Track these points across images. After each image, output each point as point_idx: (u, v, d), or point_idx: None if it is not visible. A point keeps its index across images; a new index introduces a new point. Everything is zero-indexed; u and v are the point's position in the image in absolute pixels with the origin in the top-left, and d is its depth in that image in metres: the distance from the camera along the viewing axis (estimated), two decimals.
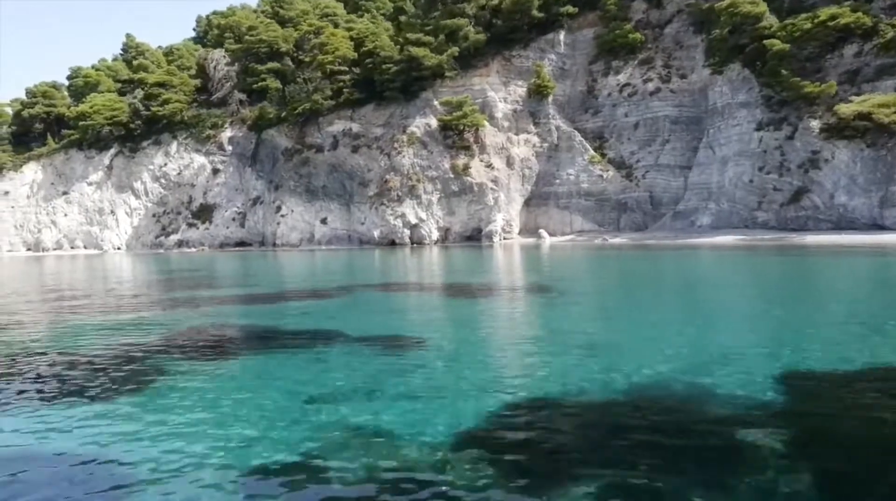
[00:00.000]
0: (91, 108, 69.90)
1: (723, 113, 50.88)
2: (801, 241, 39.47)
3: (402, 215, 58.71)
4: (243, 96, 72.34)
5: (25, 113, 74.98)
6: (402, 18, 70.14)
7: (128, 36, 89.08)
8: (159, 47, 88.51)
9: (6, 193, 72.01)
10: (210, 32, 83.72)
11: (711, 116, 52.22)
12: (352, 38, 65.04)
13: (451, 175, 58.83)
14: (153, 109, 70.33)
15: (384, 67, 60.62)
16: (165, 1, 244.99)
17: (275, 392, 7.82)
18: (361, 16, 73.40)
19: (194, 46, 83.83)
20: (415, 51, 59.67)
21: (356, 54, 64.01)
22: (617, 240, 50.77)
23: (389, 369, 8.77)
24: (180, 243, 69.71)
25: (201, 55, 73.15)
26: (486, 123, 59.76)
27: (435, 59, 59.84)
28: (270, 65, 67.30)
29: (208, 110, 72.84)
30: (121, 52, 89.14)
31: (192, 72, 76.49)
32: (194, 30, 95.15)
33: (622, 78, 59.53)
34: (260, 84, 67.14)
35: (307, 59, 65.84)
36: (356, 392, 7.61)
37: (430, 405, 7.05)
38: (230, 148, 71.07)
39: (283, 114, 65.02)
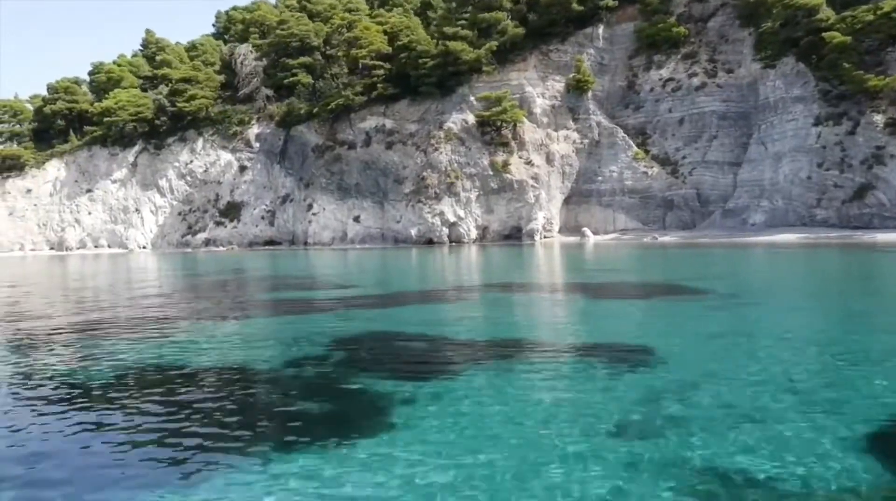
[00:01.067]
0: (116, 104, 68.44)
1: (776, 108, 49.50)
2: (870, 239, 38.09)
3: (441, 214, 57.30)
4: (270, 92, 70.91)
5: (47, 109, 73.42)
6: (431, 13, 68.78)
7: (147, 31, 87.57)
8: (178, 43, 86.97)
9: (28, 190, 70.55)
10: (232, 28, 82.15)
11: (763, 112, 50.84)
12: (385, 33, 63.56)
13: (490, 172, 57.44)
14: (179, 105, 68.88)
15: (420, 61, 59.14)
16: None
17: (559, 419, 6.25)
18: (390, 10, 71.85)
19: (216, 42, 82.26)
20: (452, 45, 58.22)
21: (390, 49, 62.44)
22: (667, 238, 49.45)
23: (667, 387, 7.29)
24: (207, 242, 68.29)
25: (227, 50, 71.72)
26: (524, 119, 58.36)
27: (473, 53, 58.41)
28: (302, 59, 65.83)
29: (233, 106, 71.44)
30: (140, 48, 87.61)
31: (217, 67, 75.04)
32: (213, 25, 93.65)
33: (665, 73, 58.15)
34: (291, 79, 65.68)
35: (339, 54, 64.38)
36: (673, 421, 6.10)
37: (772, 430, 5.59)
38: (257, 145, 69.64)
39: (316, 110, 63.47)
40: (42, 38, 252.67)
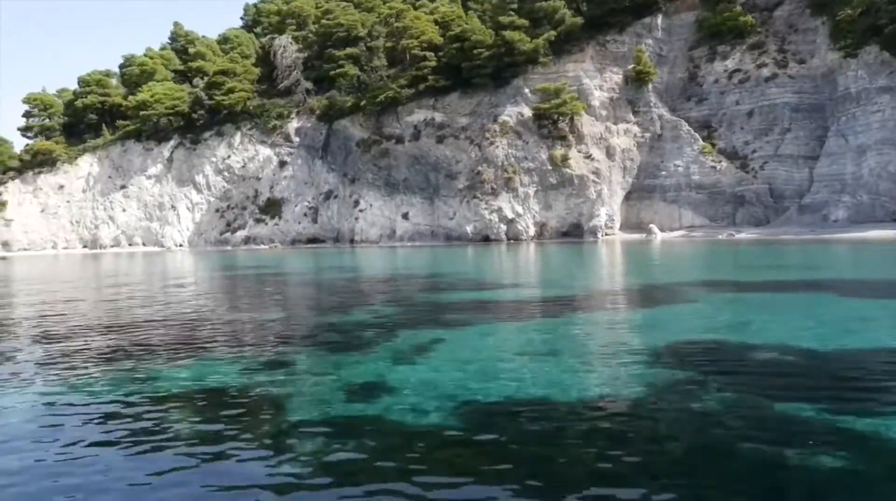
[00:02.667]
0: (152, 96, 66.16)
1: (858, 99, 47.33)
2: None
3: (498, 210, 55.11)
4: (310, 85, 68.74)
5: (79, 103, 71.16)
6: (474, 3, 66.64)
7: (175, 24, 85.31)
8: (204, 37, 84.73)
9: (61, 187, 68.28)
10: (264, 20, 79.86)
11: (842, 103, 48.66)
12: (436, 22, 61.36)
13: (549, 167, 55.25)
14: (217, 98, 66.64)
15: (475, 52, 56.93)
16: None
17: None
18: (433, 0, 69.61)
19: (248, 35, 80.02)
20: (509, 35, 56.06)
21: (441, 39, 60.25)
22: (743, 236, 47.22)
23: None
24: (247, 240, 66.10)
25: (266, 42, 69.41)
26: (583, 111, 56.18)
27: (530, 43, 56.23)
28: (349, 50, 63.59)
29: (271, 100, 69.23)
30: (168, 41, 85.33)
31: (252, 60, 72.80)
32: (242, 18, 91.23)
33: (730, 64, 56.02)
34: (337, 70, 63.41)
35: (388, 45, 62.15)
36: None
37: None
38: (297, 139, 67.46)
39: (363, 102, 61.21)
40: (67, 33, 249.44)
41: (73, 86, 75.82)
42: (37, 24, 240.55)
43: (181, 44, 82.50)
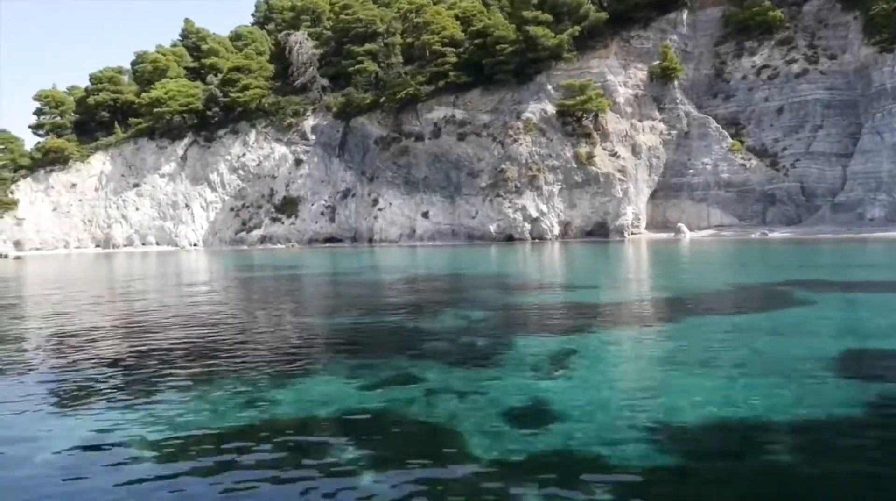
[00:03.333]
0: (166, 94, 65.05)
1: (893, 95, 46.27)
2: None
3: (523, 208, 54.04)
4: (325, 82, 67.66)
5: (91, 100, 70.04)
6: (497, 0, 65.55)
7: (186, 21, 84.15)
8: (214, 34, 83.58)
9: (73, 185, 67.18)
10: (277, 16, 78.77)
11: (877, 99, 47.62)
12: (457, 17, 60.27)
13: (574, 165, 54.18)
14: (232, 95, 65.55)
15: (498, 47, 55.84)
16: None
17: None
18: None
19: (260, 31, 78.94)
20: (533, 30, 54.97)
21: (462, 34, 59.18)
22: (776, 235, 46.15)
23: None
24: (263, 239, 65.01)
25: (281, 38, 68.26)
26: (607, 108, 55.12)
27: (554, 39, 55.15)
28: (368, 46, 62.47)
29: (286, 97, 68.14)
30: (179, 38, 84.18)
31: (266, 57, 71.71)
32: (253, 15, 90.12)
33: (758, 59, 54.98)
34: (357, 67, 62.31)
35: (408, 41, 61.04)
36: None
37: None
38: (313, 137, 66.36)
39: (382, 99, 60.10)
40: (74, 31, 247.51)
41: (82, 83, 74.88)
42: (43, 22, 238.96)
43: (193, 41, 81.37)
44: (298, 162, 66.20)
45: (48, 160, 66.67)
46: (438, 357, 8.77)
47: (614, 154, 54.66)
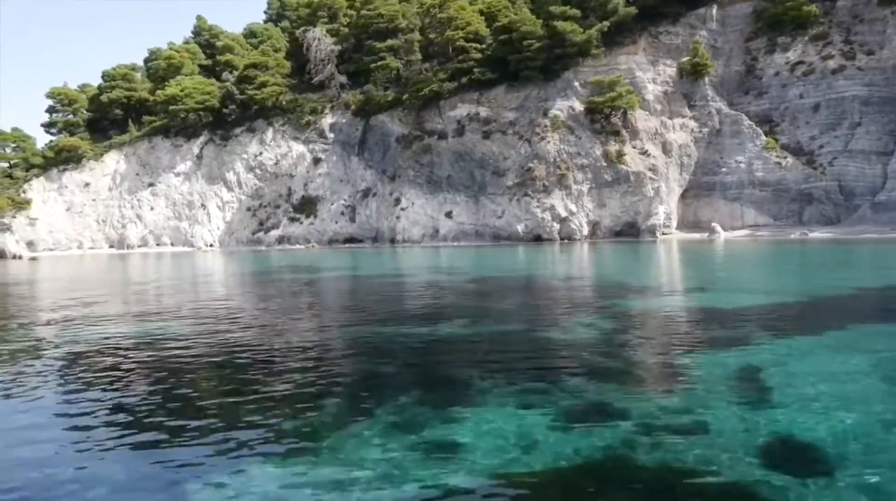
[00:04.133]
0: (182, 91, 63.67)
1: None
2: None
3: (551, 208, 52.73)
4: (344, 79, 66.33)
5: (104, 97, 68.61)
6: None
7: (199, 18, 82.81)
8: (230, 32, 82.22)
9: (86, 184, 65.79)
10: (293, 13, 77.31)
11: None
12: (481, 13, 58.96)
13: (603, 163, 52.89)
14: (249, 92, 64.18)
15: (525, 43, 54.53)
16: None
17: None
18: None
19: (274, 28, 77.58)
20: (561, 25, 53.71)
21: (487, 30, 57.88)
22: (816, 235, 44.82)
23: None
24: (281, 240, 63.63)
25: (299, 34, 66.86)
26: (637, 105, 53.85)
27: (583, 34, 53.87)
28: (390, 42, 61.12)
29: (303, 95, 66.80)
30: (192, 35, 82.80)
31: (282, 54, 70.33)
32: (265, 12, 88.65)
33: (792, 55, 53.67)
34: (378, 63, 60.96)
35: (432, 36, 59.72)
36: None
37: None
38: (332, 135, 65.02)
39: (406, 96, 58.77)
40: (83, 29, 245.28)
41: (93, 81, 73.46)
42: (51, 21, 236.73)
43: (205, 38, 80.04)
44: (317, 161, 64.85)
45: (61, 159, 65.26)
46: (611, 378, 7.52)
47: (644, 152, 53.39)
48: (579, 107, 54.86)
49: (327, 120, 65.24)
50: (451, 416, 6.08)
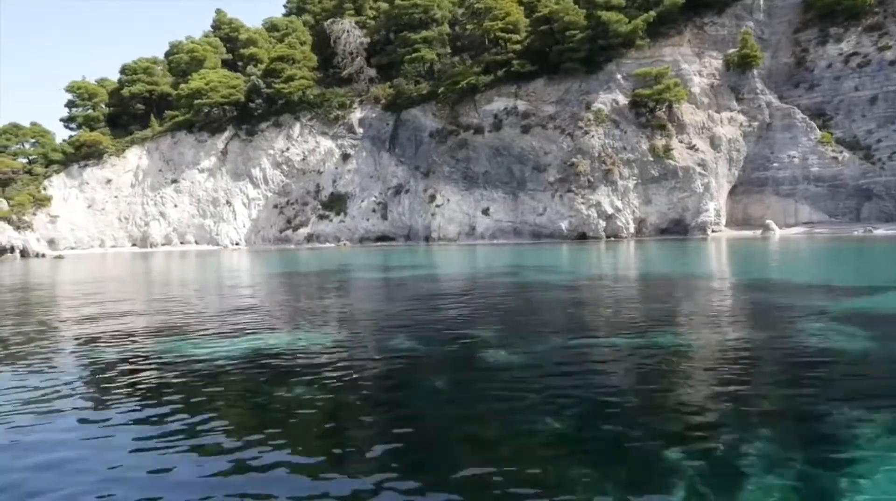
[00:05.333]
0: (206, 85, 61.71)
1: None
2: None
3: (597, 204, 50.82)
4: (373, 72, 64.41)
5: (125, 91, 66.63)
6: None
7: (218, 12, 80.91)
8: (252, 26, 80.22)
9: (108, 181, 63.84)
10: (316, 6, 75.32)
11: None
12: (520, 2, 57.02)
13: (650, 158, 50.98)
14: (276, 86, 62.22)
15: (567, 34, 52.62)
16: None
17: None
18: None
19: (298, 20, 75.57)
20: (605, 15, 51.81)
21: (526, 20, 55.96)
22: (880, 232, 42.89)
23: None
24: (310, 238, 61.67)
25: (327, 26, 64.87)
26: (685, 98, 51.96)
27: (628, 25, 51.97)
28: (426, 33, 59.17)
29: (329, 89, 64.83)
30: (211, 29, 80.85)
31: (307, 47, 68.35)
32: (285, 6, 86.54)
33: (846, 47, 51.71)
34: (413, 55, 59.01)
35: (470, 27, 57.81)
36: None
37: None
38: (361, 130, 63.10)
39: (442, 89, 56.84)
40: (98, 23, 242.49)
41: (107, 76, 71.44)
42: (66, 16, 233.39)
43: (225, 32, 78.15)
44: (345, 156, 62.93)
45: (82, 155, 63.31)
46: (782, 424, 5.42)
47: (692, 147, 51.46)
48: (623, 100, 52.94)
49: (356, 114, 63.34)
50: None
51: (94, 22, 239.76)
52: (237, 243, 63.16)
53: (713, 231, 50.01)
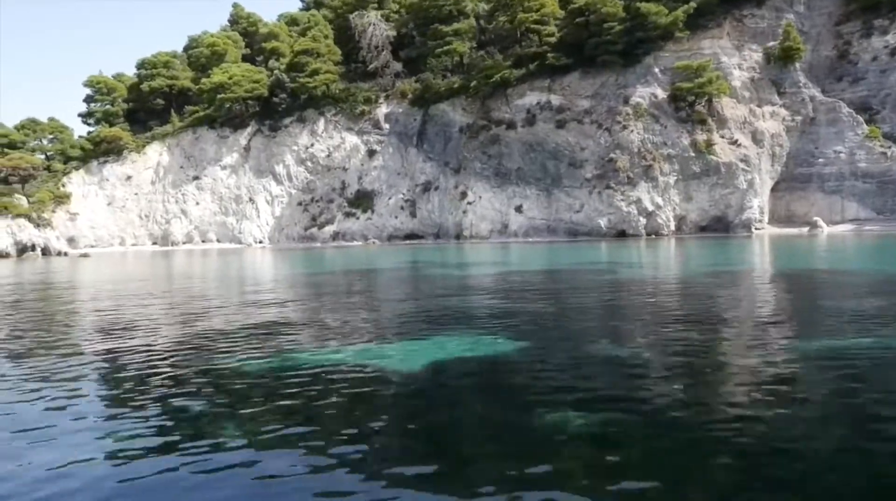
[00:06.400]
0: (230, 79, 60.21)
1: None
2: None
3: (637, 201, 49.44)
4: (400, 66, 62.99)
5: (145, 86, 65.07)
6: None
7: (235, 6, 79.39)
8: (271, 21, 78.70)
9: (128, 177, 62.34)
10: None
11: None
12: None
13: (692, 153, 49.59)
14: (301, 80, 60.73)
15: (605, 26, 51.21)
16: None
17: None
18: None
19: (318, 14, 74.01)
20: (644, 7, 50.42)
21: (562, 12, 54.58)
22: None
23: None
24: (336, 236, 60.22)
25: (353, 19, 63.36)
26: (727, 92, 50.56)
27: (668, 17, 50.59)
28: (457, 25, 57.73)
29: (353, 83, 63.37)
30: (228, 23, 79.33)
31: (329, 41, 66.83)
32: (302, 0, 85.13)
33: (892, 39, 50.43)
34: (445, 48, 57.58)
35: (503, 19, 56.39)
36: None
37: None
38: (387, 126, 61.66)
39: (474, 83, 55.43)
40: (112, 19, 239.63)
41: (123, 71, 69.87)
42: (74, 12, 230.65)
43: (243, 26, 76.67)
44: (371, 153, 61.48)
45: (101, 151, 61.80)
46: None
47: (734, 142, 50.08)
48: (661, 94, 51.56)
49: (382, 110, 61.91)
50: None
51: (107, 17, 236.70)
52: (260, 242, 61.73)
53: (756, 229, 48.68)
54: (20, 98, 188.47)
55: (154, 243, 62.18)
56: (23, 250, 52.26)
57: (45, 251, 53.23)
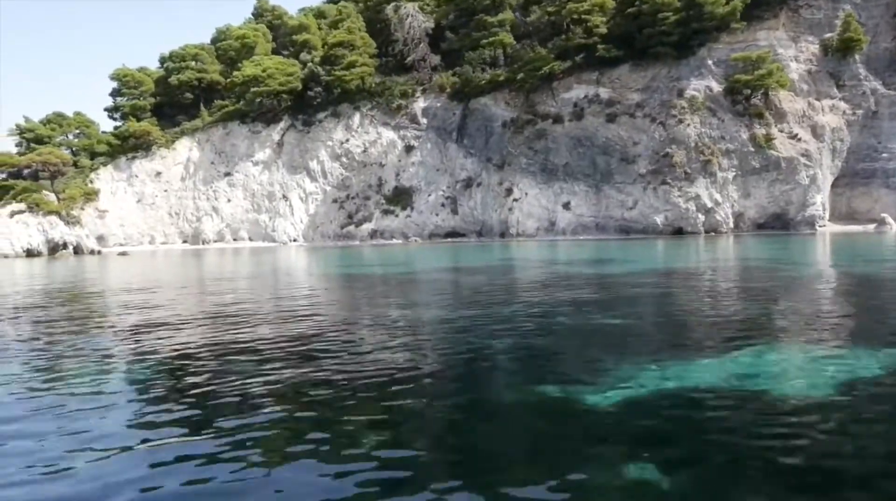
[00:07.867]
0: (263, 72, 58.27)
1: None
2: None
3: (696, 197, 47.77)
4: (437, 59, 61.16)
5: (173, 80, 63.00)
6: None
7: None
8: (297, 14, 76.59)
9: (158, 174, 60.36)
10: None
11: None
12: None
13: (751, 148, 47.94)
14: (336, 73, 58.84)
15: (659, 16, 49.52)
16: None
17: None
18: None
19: (350, 6, 72.05)
20: None
21: (612, 2, 52.87)
22: None
23: None
24: (374, 234, 58.39)
25: (389, 11, 61.39)
26: (786, 85, 48.93)
27: (725, 7, 48.94)
28: (502, 16, 55.92)
29: (389, 77, 61.48)
30: (252, 17, 77.26)
31: (364, 34, 64.91)
32: None
33: None
34: (490, 40, 55.80)
35: (551, 9, 54.62)
36: None
37: None
38: (425, 120, 59.82)
39: (521, 76, 53.71)
40: (135, 12, 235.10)
41: (146, 65, 67.79)
42: (91, 7, 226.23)
43: (268, 19, 74.61)
44: (409, 148, 59.64)
45: (129, 146, 59.82)
46: None
47: (794, 136, 48.46)
48: (717, 87, 49.92)
49: (419, 104, 60.06)
50: None
51: (125, 12, 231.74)
52: (294, 240, 59.83)
53: (819, 226, 47.07)
54: (44, 92, 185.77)
55: (184, 242, 60.24)
56: (54, 248, 50.29)
57: (77, 250, 51.23)
